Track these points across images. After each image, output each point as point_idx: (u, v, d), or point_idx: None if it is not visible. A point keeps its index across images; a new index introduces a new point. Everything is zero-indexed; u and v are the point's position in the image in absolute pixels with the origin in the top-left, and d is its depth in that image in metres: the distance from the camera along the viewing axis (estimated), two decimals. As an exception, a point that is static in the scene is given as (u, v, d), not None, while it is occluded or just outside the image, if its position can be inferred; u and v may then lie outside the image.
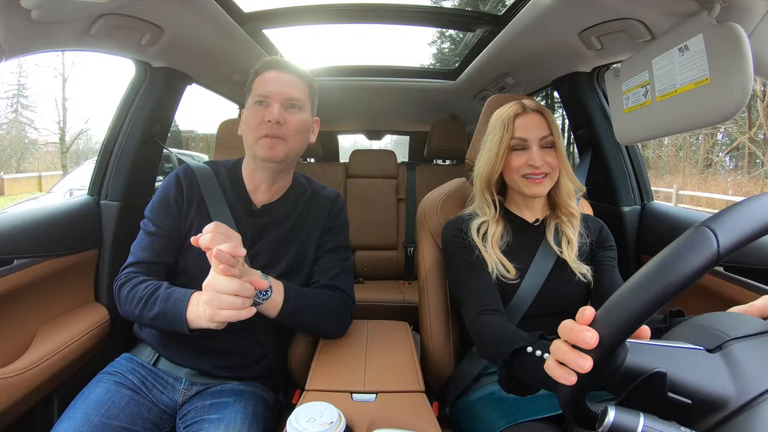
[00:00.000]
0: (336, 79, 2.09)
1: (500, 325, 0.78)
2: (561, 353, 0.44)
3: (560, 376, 0.44)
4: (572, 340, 0.43)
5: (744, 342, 0.43)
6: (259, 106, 0.88)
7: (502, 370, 0.63)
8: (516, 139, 0.90)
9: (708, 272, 0.39)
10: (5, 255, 0.98)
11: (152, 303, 0.81)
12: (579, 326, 0.42)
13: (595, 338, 0.41)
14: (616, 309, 0.41)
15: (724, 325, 0.46)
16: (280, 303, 0.82)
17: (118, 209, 1.28)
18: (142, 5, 1.01)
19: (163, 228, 0.91)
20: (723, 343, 0.43)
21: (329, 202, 1.01)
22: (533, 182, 0.89)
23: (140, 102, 1.34)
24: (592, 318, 0.43)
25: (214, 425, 0.79)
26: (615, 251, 0.97)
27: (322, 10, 1.51)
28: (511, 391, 0.64)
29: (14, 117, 17.55)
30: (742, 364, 0.41)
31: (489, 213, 0.93)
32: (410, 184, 2.34)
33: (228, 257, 0.68)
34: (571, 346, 0.43)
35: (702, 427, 0.40)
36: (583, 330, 0.42)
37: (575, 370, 0.42)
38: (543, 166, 0.88)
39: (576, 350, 0.42)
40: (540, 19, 1.14)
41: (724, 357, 0.42)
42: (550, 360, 0.46)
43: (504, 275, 0.88)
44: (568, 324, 0.44)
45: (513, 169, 0.90)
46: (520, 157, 0.90)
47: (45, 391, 1.02)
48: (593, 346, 0.41)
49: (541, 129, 0.89)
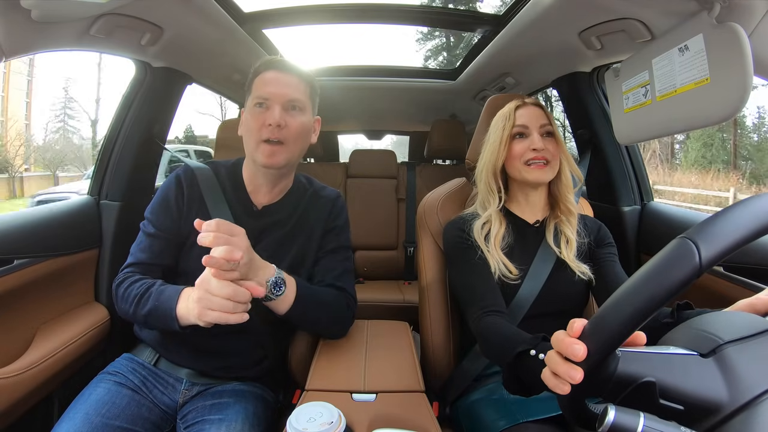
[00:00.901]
0: (336, 79, 2.09)
1: (504, 327, 0.78)
2: (553, 364, 0.46)
3: (555, 385, 0.46)
4: (563, 352, 0.44)
5: (738, 345, 0.43)
6: (259, 108, 0.87)
7: (506, 372, 0.64)
8: (518, 127, 0.93)
9: (708, 272, 0.39)
10: (5, 255, 0.98)
11: (145, 300, 0.80)
12: (568, 339, 0.44)
13: (583, 350, 0.42)
14: (604, 321, 0.42)
15: (719, 328, 0.46)
16: (292, 299, 0.82)
17: (118, 209, 1.28)
18: (142, 5, 1.00)
19: (162, 229, 0.90)
20: (717, 347, 0.43)
21: (330, 202, 1.00)
22: (536, 167, 0.91)
23: (140, 102, 1.34)
24: (581, 331, 0.44)
25: (215, 426, 0.79)
26: (615, 248, 0.97)
27: (322, 10, 1.51)
28: (515, 393, 0.64)
29: (62, 125, 20.75)
30: (736, 368, 0.41)
31: (493, 204, 0.94)
32: (410, 184, 2.34)
33: (221, 263, 0.67)
34: (563, 357, 0.44)
35: (700, 430, 0.40)
36: (572, 343, 0.43)
37: (568, 381, 0.44)
38: (544, 151, 0.90)
39: (567, 362, 0.44)
40: (540, 19, 1.14)
41: (717, 361, 0.42)
42: (546, 370, 0.47)
43: (506, 276, 0.88)
44: (559, 336, 0.46)
45: (515, 156, 0.92)
46: (521, 144, 0.92)
47: (45, 391, 1.02)
48: (581, 359, 0.42)
49: (541, 118, 0.93)
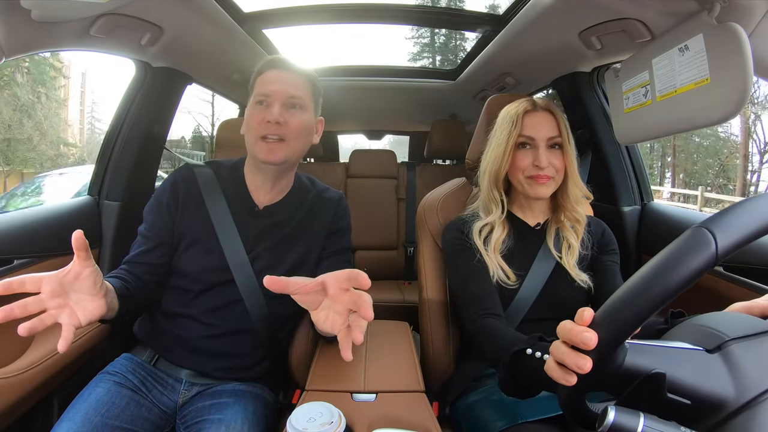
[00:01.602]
0: (336, 79, 2.09)
1: (500, 328, 0.78)
2: (560, 353, 0.44)
3: (560, 377, 0.44)
4: (571, 340, 0.43)
5: (743, 342, 0.43)
6: (259, 105, 0.87)
7: (502, 372, 0.63)
8: (523, 137, 0.88)
9: (708, 272, 0.39)
10: (5, 255, 0.98)
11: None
12: (578, 327, 0.42)
13: (594, 339, 0.41)
14: (615, 310, 0.41)
15: (723, 325, 0.46)
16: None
17: (118, 209, 1.28)
18: (142, 5, 1.00)
19: (152, 230, 0.90)
20: (722, 343, 0.43)
21: (333, 203, 1.00)
22: (537, 183, 0.88)
23: (140, 102, 1.34)
24: (591, 319, 0.43)
25: (214, 425, 0.79)
26: (617, 255, 0.96)
27: (321, 10, 1.51)
28: (511, 394, 0.63)
29: (90, 127, 22.55)
30: (741, 365, 0.41)
31: (495, 212, 0.92)
32: (410, 184, 2.34)
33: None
34: (570, 347, 0.43)
35: (702, 428, 0.40)
36: (582, 331, 0.41)
37: (574, 370, 0.42)
38: (548, 168, 0.87)
39: (575, 351, 0.42)
40: (540, 19, 1.14)
41: (723, 357, 0.42)
42: (550, 360, 0.46)
43: (504, 281, 0.88)
44: (567, 325, 0.44)
45: (518, 168, 0.89)
46: (526, 156, 0.88)
47: (45, 391, 1.02)
48: (592, 347, 0.41)
49: (550, 129, 0.88)
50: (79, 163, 17.17)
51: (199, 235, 0.90)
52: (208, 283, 0.89)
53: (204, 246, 0.90)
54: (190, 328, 0.88)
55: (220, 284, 0.89)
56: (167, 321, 0.90)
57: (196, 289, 0.89)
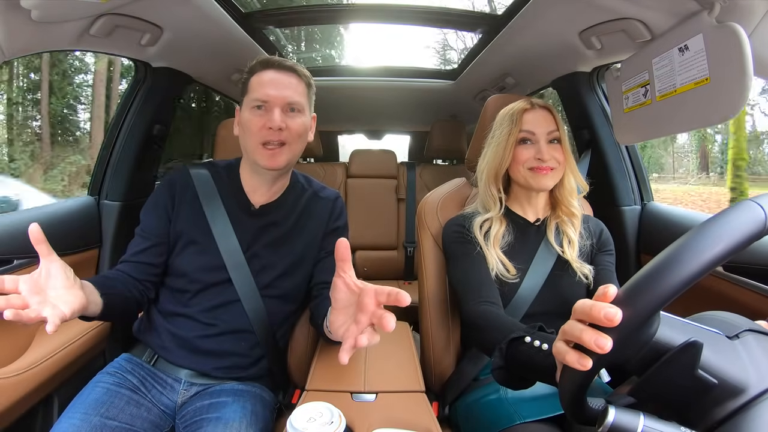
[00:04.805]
0: (336, 79, 2.09)
1: (499, 315, 0.78)
2: (578, 331, 0.40)
3: (574, 360, 0.40)
4: (592, 317, 0.39)
5: (757, 335, 0.44)
6: (257, 110, 0.87)
7: (497, 359, 0.62)
8: (524, 132, 0.90)
9: (708, 273, 0.39)
10: (5, 255, 0.98)
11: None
12: (600, 303, 0.39)
13: (619, 315, 0.38)
14: (647, 282, 0.39)
15: (737, 319, 0.47)
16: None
17: (118, 209, 1.28)
18: (142, 5, 1.01)
19: (147, 230, 0.91)
20: (740, 332, 0.44)
21: (330, 203, 1.00)
22: (540, 174, 0.89)
23: (140, 102, 1.34)
24: (614, 296, 0.40)
25: (212, 424, 0.79)
26: (614, 256, 0.97)
27: (322, 11, 1.51)
28: (504, 383, 0.62)
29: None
30: (758, 354, 0.42)
31: (494, 209, 0.93)
32: (410, 184, 2.34)
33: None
34: (588, 325, 0.40)
35: (718, 415, 0.40)
36: (606, 306, 0.38)
37: (594, 350, 0.39)
38: (550, 161, 0.89)
39: (594, 328, 0.39)
40: (540, 19, 1.14)
41: (742, 344, 0.43)
42: (560, 344, 0.43)
43: (504, 275, 0.88)
44: (587, 302, 0.40)
45: (520, 162, 0.91)
46: (527, 151, 0.90)
47: (45, 391, 1.02)
48: (616, 324, 0.38)
49: (549, 124, 0.91)
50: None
51: (196, 236, 0.90)
52: (205, 283, 0.89)
53: (200, 246, 0.90)
54: (188, 327, 0.89)
55: (217, 284, 0.89)
56: (166, 321, 0.91)
57: (193, 289, 0.89)
